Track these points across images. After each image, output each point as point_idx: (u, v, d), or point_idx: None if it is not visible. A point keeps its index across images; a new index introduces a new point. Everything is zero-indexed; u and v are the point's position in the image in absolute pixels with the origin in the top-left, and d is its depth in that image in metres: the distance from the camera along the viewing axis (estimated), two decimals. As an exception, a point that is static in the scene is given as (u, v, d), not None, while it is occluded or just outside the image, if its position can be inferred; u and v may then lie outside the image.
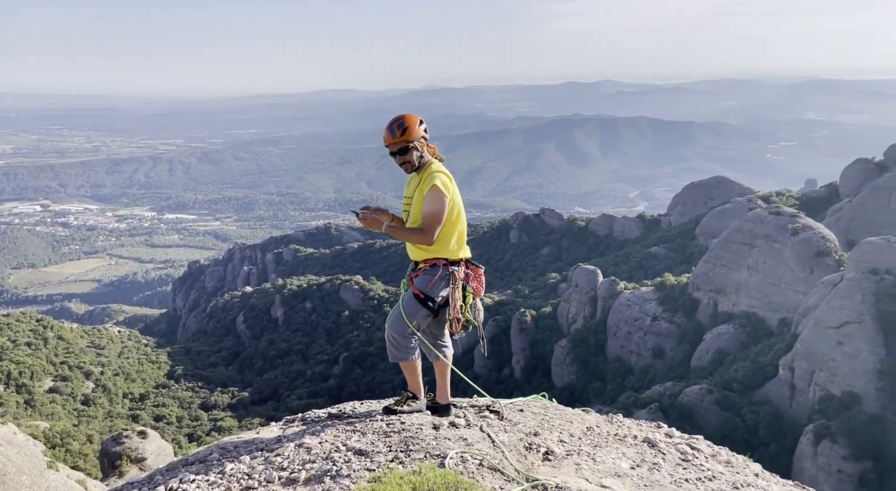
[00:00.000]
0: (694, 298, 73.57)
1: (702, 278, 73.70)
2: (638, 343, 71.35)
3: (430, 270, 6.78)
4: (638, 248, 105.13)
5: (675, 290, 75.22)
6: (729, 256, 71.60)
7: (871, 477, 42.80)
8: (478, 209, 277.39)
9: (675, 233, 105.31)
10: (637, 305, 73.83)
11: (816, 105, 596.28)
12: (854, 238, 68.45)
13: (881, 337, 48.62)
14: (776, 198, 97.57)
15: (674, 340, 69.84)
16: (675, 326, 70.90)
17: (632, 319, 72.90)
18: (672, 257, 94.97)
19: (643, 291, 76.72)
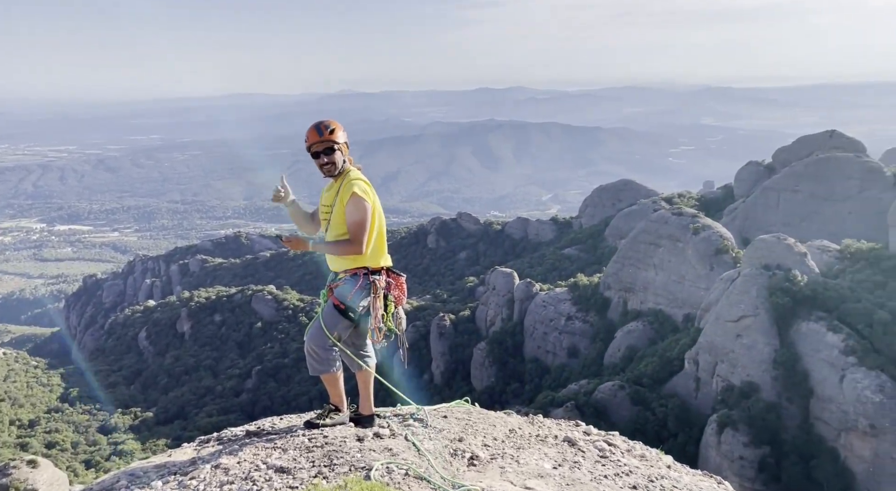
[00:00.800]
0: (605, 297, 76.54)
1: (612, 278, 76.80)
2: (554, 343, 73.42)
3: (350, 280, 6.69)
4: (552, 249, 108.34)
5: (588, 290, 78.04)
6: (636, 255, 75.01)
7: (769, 461, 45.91)
8: (395, 214, 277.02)
9: (587, 234, 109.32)
10: (552, 306, 76.02)
11: (712, 111, 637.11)
12: (748, 236, 73.53)
13: (775, 329, 52.31)
14: (678, 199, 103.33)
15: (587, 339, 72.38)
16: (589, 324, 73.53)
17: (547, 320, 74.95)
18: (584, 258, 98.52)
19: (558, 291, 79.08)
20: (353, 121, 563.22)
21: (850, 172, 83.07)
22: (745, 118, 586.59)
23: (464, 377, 77.77)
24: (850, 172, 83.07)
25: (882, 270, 56.37)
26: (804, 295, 52.99)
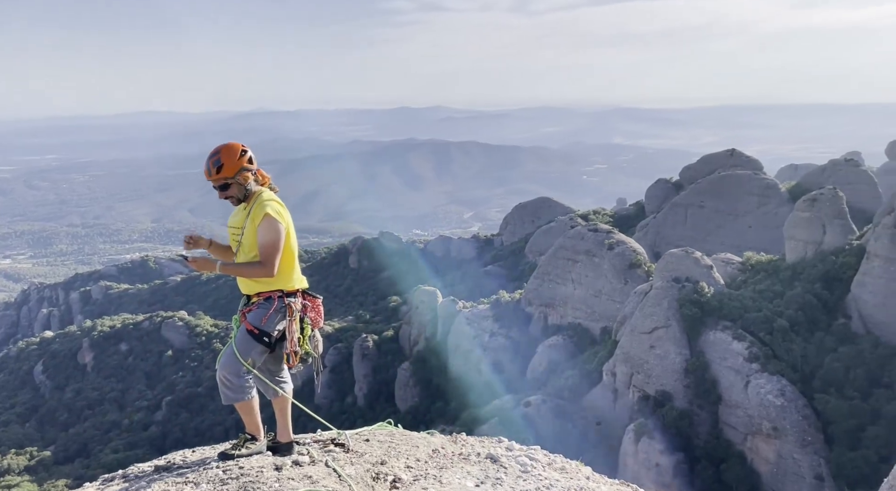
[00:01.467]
0: (527, 313, 78.02)
1: (533, 293, 78.45)
2: (478, 360, 73.97)
3: (264, 304, 6.49)
4: (474, 267, 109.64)
5: (510, 306, 79.34)
6: (555, 271, 77.04)
7: (683, 467, 47.86)
8: (315, 235, 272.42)
9: (508, 251, 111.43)
10: (475, 323, 76.72)
11: (622, 131, 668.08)
12: (659, 250, 77.06)
13: (685, 338, 54.87)
14: (594, 216, 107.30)
15: (510, 355, 73.38)
16: (511, 340, 74.61)
17: (471, 337, 75.54)
18: (506, 275, 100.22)
19: (481, 308, 79.93)
20: (267, 139, 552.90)
21: (750, 189, 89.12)
22: (652, 137, 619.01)
23: (388, 399, 76.94)
24: (750, 189, 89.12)
25: (780, 280, 60.42)
26: (711, 306, 55.99)
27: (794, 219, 66.17)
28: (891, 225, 52.39)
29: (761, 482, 46.20)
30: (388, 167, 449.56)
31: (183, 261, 6.39)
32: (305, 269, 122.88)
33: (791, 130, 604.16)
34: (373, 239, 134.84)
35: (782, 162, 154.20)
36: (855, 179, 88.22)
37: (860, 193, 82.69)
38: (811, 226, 64.04)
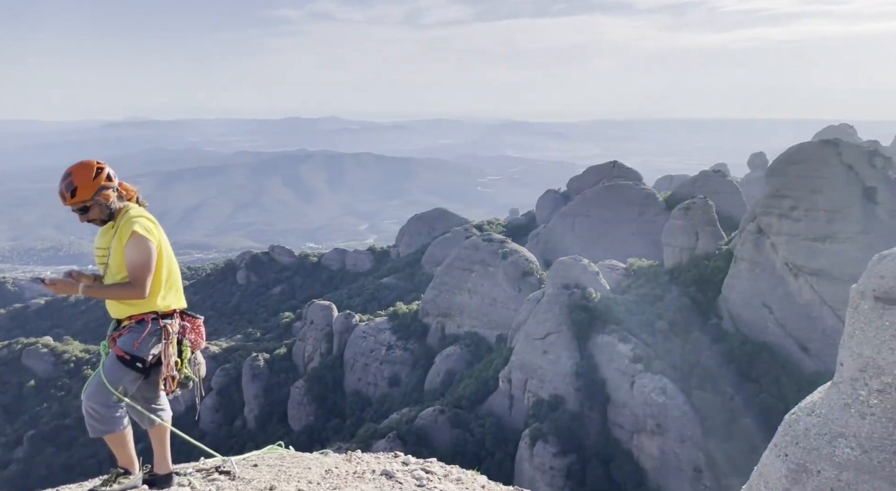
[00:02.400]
0: (424, 324, 78.11)
1: (430, 304, 78.71)
2: (375, 374, 73.03)
3: (136, 327, 6.05)
4: (371, 279, 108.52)
5: (407, 318, 79.09)
6: (452, 281, 77.80)
7: (576, 468, 49.47)
8: (198, 250, 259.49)
9: (405, 263, 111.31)
10: (372, 336, 75.77)
11: (513, 143, 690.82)
12: (550, 258, 79.72)
13: (575, 343, 57.01)
14: (488, 226, 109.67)
15: (408, 367, 73.04)
16: (409, 352, 74.32)
17: (368, 351, 74.48)
18: (403, 286, 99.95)
19: (377, 321, 79.09)
20: (143, 150, 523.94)
21: (631, 198, 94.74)
22: (541, 150, 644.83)
23: (280, 419, 74.11)
24: (631, 198, 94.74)
25: (660, 285, 64.36)
26: (599, 310, 58.64)
27: (671, 226, 70.91)
28: (754, 231, 57.25)
29: (647, 478, 48.61)
30: (278, 179, 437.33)
31: (40, 283, 5.93)
32: (189, 286, 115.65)
33: (666, 144, 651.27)
34: (263, 253, 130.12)
35: (659, 173, 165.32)
36: (722, 189, 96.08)
37: (727, 202, 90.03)
38: (685, 233, 68.86)
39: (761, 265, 55.80)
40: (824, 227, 51.90)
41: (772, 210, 55.71)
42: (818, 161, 53.77)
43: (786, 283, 54.04)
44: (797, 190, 53.88)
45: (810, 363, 50.86)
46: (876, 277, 16.84)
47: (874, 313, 16.55)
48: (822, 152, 54.46)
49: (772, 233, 55.36)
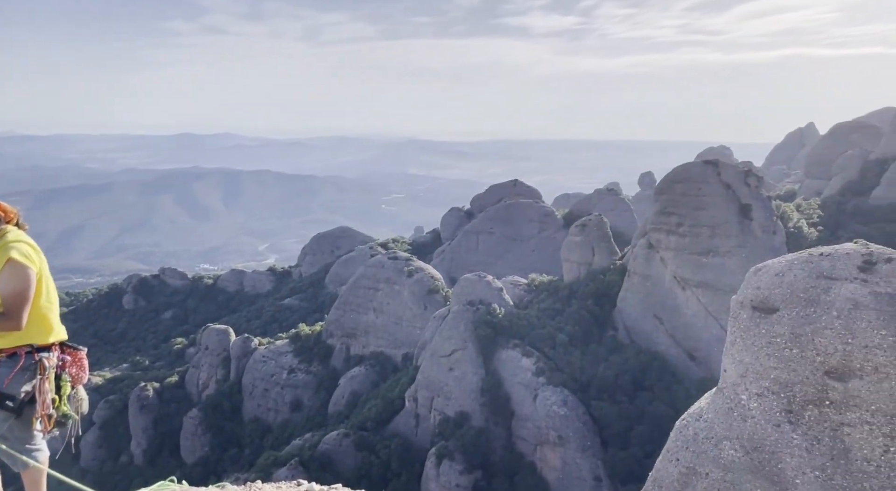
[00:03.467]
0: (328, 345, 75.96)
1: (334, 325, 76.72)
2: (276, 399, 70.04)
3: (6, 362, 5.55)
4: (271, 301, 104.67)
5: (311, 339, 76.69)
6: (357, 300, 76.30)
7: (482, 484, 49.35)
8: (80, 274, 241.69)
9: (307, 283, 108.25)
10: (273, 360, 72.77)
11: (417, 162, 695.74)
12: (455, 275, 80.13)
13: (481, 359, 57.21)
14: (393, 244, 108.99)
15: (311, 390, 70.58)
16: (312, 375, 71.90)
17: (268, 375, 71.39)
18: (305, 307, 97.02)
19: (279, 344, 76.15)
20: (18, 168, 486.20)
21: (532, 216, 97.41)
22: (445, 168, 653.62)
23: (172, 452, 69.41)
24: (532, 216, 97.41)
25: (559, 299, 66.11)
26: (503, 326, 59.31)
27: (569, 243, 73.39)
28: (645, 246, 60.02)
29: (550, 489, 49.16)
30: (169, 197, 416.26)
31: None
32: (68, 314, 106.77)
33: (563, 163, 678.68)
34: (152, 276, 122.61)
35: (557, 191, 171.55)
36: (615, 206, 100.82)
37: (620, 219, 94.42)
38: (583, 249, 71.43)
39: (652, 279, 58.48)
40: (707, 241, 55.16)
41: (660, 226, 58.59)
42: (700, 180, 57.22)
43: (674, 295, 56.87)
44: (682, 207, 57.00)
45: (698, 371, 53.62)
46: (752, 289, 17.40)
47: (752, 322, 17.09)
48: (704, 172, 58.03)
49: (661, 248, 58.18)
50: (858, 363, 17.95)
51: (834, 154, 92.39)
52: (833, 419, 18.37)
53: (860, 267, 18.84)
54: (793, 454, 18.86)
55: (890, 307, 17.95)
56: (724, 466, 21.61)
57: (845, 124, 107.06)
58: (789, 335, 19.19)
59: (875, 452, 17.66)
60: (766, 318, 21.62)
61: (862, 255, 19.20)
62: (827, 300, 18.71)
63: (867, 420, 17.88)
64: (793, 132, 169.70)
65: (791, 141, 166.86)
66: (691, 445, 22.98)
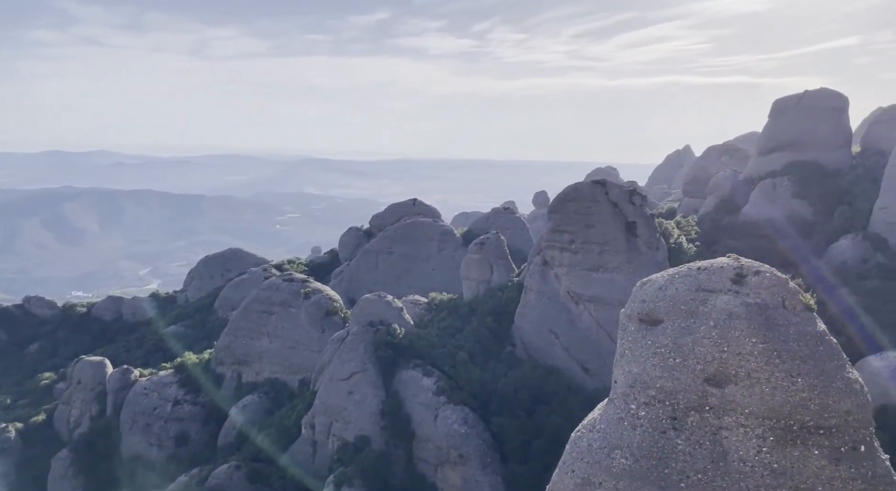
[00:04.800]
0: (218, 374, 71.94)
1: (224, 352, 72.87)
2: (159, 433, 65.23)
3: None
4: (154, 329, 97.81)
5: (198, 368, 72.26)
6: (249, 325, 72.93)
7: (383, 510, 48.06)
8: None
9: (194, 308, 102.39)
10: (156, 392, 67.88)
11: (313, 181, 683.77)
12: (355, 296, 78.60)
13: (381, 380, 56.17)
14: (288, 265, 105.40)
15: (199, 423, 66.35)
16: (200, 406, 67.66)
17: (150, 409, 66.48)
18: (192, 334, 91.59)
19: (162, 375, 71.23)
20: None
21: (431, 235, 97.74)
22: (343, 187, 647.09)
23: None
24: (431, 235, 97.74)
25: (460, 317, 66.51)
26: (403, 346, 58.71)
27: (468, 261, 74.33)
28: (540, 263, 61.76)
29: (453, 510, 48.80)
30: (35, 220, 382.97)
31: None
32: None
33: (461, 182, 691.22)
34: (15, 306, 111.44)
35: (455, 210, 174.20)
36: (512, 225, 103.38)
37: (517, 237, 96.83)
38: (481, 267, 72.57)
39: (547, 294, 60.16)
40: (597, 258, 57.57)
41: (554, 244, 60.54)
42: (590, 199, 59.76)
43: (569, 310, 58.75)
44: (574, 225, 59.23)
45: (592, 382, 55.47)
46: (639, 302, 18.22)
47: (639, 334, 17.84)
48: (593, 192, 60.69)
49: (555, 264, 60.08)
50: (733, 370, 19.12)
51: (708, 174, 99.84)
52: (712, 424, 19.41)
53: (733, 279, 20.16)
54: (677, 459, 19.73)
55: (759, 316, 19.28)
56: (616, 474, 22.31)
57: (717, 147, 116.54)
58: (672, 345, 20.16)
59: (749, 452, 18.81)
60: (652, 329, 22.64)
61: (734, 268, 20.58)
62: (705, 311, 19.85)
63: (742, 423, 19.04)
64: (671, 154, 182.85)
65: (670, 162, 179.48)
66: (585, 455, 23.54)
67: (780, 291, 19.74)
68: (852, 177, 76.42)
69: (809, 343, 18.74)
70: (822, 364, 18.46)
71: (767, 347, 18.62)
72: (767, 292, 19.63)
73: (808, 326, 19.14)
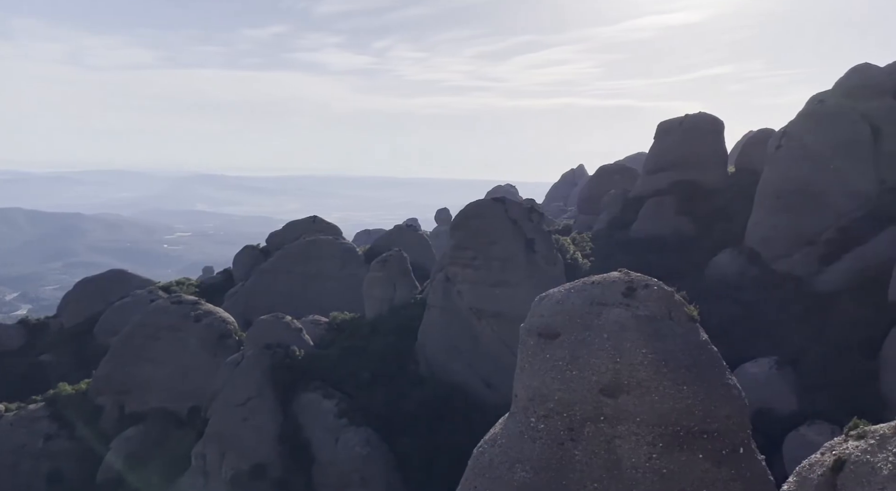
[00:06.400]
0: (97, 405, 66.49)
1: (104, 381, 67.65)
2: (28, 474, 59.31)
3: None
4: (22, 359, 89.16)
5: (74, 400, 66.45)
6: (133, 352, 68.18)
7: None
8: None
9: (70, 335, 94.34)
10: (24, 428, 61.80)
11: (205, 197, 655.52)
12: (251, 318, 75.29)
13: (279, 405, 54.06)
14: (177, 287, 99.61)
15: (74, 459, 60.82)
16: (76, 441, 62.19)
17: (18, 446, 60.41)
18: (67, 363, 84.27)
19: (32, 409, 64.93)
20: None
21: (332, 253, 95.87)
22: (238, 204, 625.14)
23: None
24: (332, 253, 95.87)
25: (362, 336, 65.47)
26: (303, 368, 56.92)
27: (370, 279, 73.55)
28: (443, 280, 62.14)
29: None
30: None
31: None
32: None
33: (362, 199, 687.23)
34: None
35: (357, 228, 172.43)
36: (415, 242, 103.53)
37: (419, 254, 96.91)
38: (384, 284, 72.05)
39: (450, 311, 60.52)
40: (498, 274, 58.69)
41: (456, 260, 61.23)
42: (491, 217, 61.07)
43: (471, 326, 59.36)
44: (476, 242, 60.22)
45: (494, 398, 56.05)
46: (537, 316, 18.57)
47: (538, 348, 18.14)
48: (494, 209, 62.09)
49: (458, 281, 60.67)
50: (626, 380, 19.86)
51: (600, 193, 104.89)
52: (607, 433, 20.06)
53: (624, 293, 21.02)
54: (574, 470, 20.19)
55: (648, 328, 20.17)
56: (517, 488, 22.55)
57: (608, 166, 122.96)
58: (570, 358, 20.69)
59: (641, 459, 19.55)
60: (550, 343, 23.21)
61: (625, 282, 21.48)
62: (599, 324, 20.53)
63: (634, 431, 19.79)
64: (567, 172, 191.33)
65: (566, 180, 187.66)
66: (487, 471, 23.66)
67: (667, 304, 20.75)
68: (729, 195, 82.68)
69: (693, 352, 19.78)
70: (704, 372, 19.50)
71: (656, 358, 19.44)
72: (655, 304, 20.55)
73: (692, 336, 20.22)
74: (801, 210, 65.72)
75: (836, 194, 65.26)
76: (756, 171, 76.23)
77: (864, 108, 69.38)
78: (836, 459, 14.13)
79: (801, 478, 15.10)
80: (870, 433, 14.22)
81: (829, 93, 74.62)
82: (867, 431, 14.40)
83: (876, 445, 13.63)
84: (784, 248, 65.99)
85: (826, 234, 64.31)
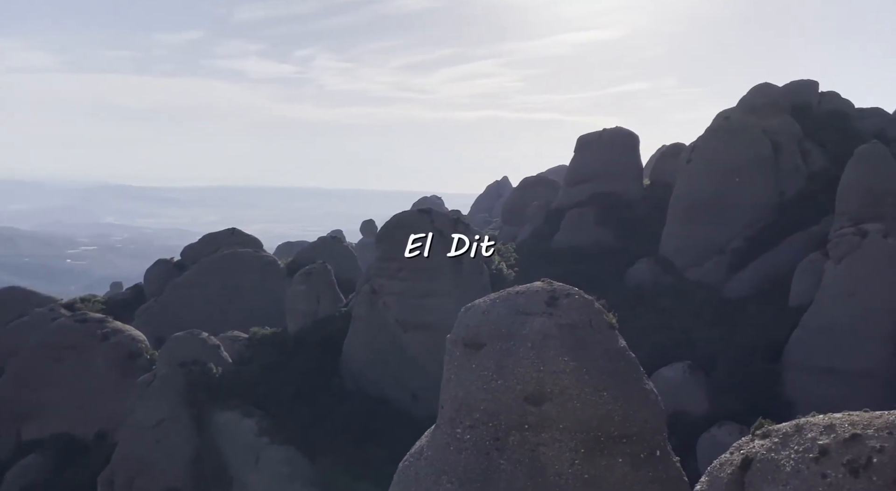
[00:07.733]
0: (-9, 433, 61.48)
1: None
2: None
3: None
4: None
5: (-36, 428, 61.18)
6: (32, 375, 63.64)
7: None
8: None
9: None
10: None
11: (113, 209, 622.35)
12: (164, 335, 71.64)
13: (195, 425, 51.61)
14: (81, 304, 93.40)
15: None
16: (-33, 473, 57.16)
17: None
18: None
19: (-85, 439, 59.23)
20: None
21: (252, 266, 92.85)
22: (149, 217, 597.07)
23: None
24: (252, 266, 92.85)
25: (285, 352, 63.57)
26: (221, 386, 54.62)
27: (293, 292, 71.71)
28: (368, 292, 61.41)
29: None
30: None
31: None
32: None
33: (285, 210, 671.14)
34: None
35: (279, 240, 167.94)
36: (339, 254, 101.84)
37: (344, 266, 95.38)
38: (308, 298, 70.42)
39: (376, 323, 59.84)
40: (426, 285, 58.58)
41: (382, 272, 60.72)
42: (417, 228, 60.96)
43: (398, 337, 58.87)
44: (402, 253, 59.88)
45: (421, 411, 55.66)
46: (463, 327, 18.44)
47: (464, 358, 18.00)
48: (420, 220, 62.07)
49: (384, 293, 60.09)
50: (549, 387, 20.08)
51: (524, 204, 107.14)
52: (531, 441, 20.17)
53: (547, 302, 21.31)
54: (500, 479, 20.17)
55: (571, 336, 20.51)
56: (444, 500, 22.31)
57: (531, 178, 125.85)
58: (495, 367, 20.73)
59: (564, 465, 19.77)
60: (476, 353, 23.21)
61: (548, 292, 21.79)
62: (523, 333, 20.70)
63: (557, 438, 20.01)
64: (491, 184, 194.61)
65: (490, 192, 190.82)
66: (413, 485, 23.29)
67: (588, 312, 21.18)
68: (645, 206, 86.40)
69: (613, 359, 20.26)
70: (623, 378, 20.00)
71: (578, 365, 19.77)
72: (577, 313, 20.94)
73: (612, 343, 20.71)
74: (711, 221, 69.48)
75: (741, 206, 69.44)
76: (669, 184, 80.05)
77: (765, 124, 74.31)
78: (744, 457, 14.71)
79: (712, 477, 15.66)
80: (774, 432, 14.92)
81: (734, 110, 79.45)
82: (771, 430, 15.10)
83: (780, 443, 14.30)
84: (695, 257, 69.47)
85: (733, 244, 68.21)
